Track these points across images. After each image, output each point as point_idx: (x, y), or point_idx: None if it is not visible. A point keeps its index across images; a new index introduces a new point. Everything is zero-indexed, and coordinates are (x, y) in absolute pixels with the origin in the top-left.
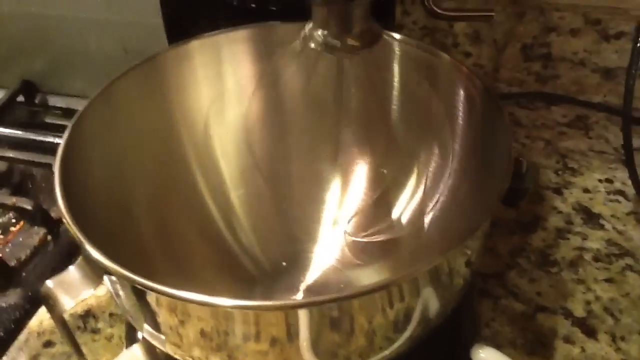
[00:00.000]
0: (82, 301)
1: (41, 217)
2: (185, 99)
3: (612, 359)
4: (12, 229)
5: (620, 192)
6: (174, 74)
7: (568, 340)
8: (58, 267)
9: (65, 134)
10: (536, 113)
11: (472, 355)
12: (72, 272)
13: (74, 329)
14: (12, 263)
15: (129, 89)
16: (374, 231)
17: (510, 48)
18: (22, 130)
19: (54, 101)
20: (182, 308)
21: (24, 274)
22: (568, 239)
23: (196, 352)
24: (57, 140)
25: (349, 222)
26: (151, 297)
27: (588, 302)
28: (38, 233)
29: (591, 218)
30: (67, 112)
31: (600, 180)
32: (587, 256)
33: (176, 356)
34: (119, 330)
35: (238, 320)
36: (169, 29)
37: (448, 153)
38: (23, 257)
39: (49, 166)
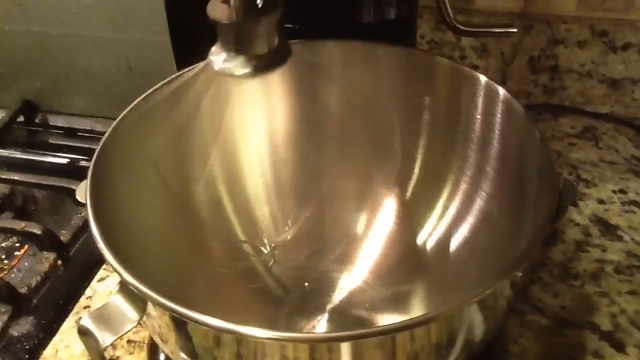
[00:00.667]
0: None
1: (50, 241)
2: (215, 113)
3: None
4: (17, 253)
5: (635, 203)
6: (203, 88)
7: (597, 355)
8: (70, 292)
9: (95, 156)
10: (545, 125)
11: None
12: (112, 305)
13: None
14: (23, 290)
15: (158, 106)
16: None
17: (518, 61)
18: (22, 152)
19: (55, 120)
20: (220, 335)
21: (35, 301)
22: (588, 251)
23: None
24: (59, 160)
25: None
26: (189, 326)
27: (614, 316)
28: (48, 258)
29: (609, 230)
30: (69, 132)
31: (614, 191)
32: (608, 268)
33: None
34: (139, 358)
35: (276, 349)
36: (176, 46)
37: (480, 175)
38: (34, 283)
39: (52, 187)
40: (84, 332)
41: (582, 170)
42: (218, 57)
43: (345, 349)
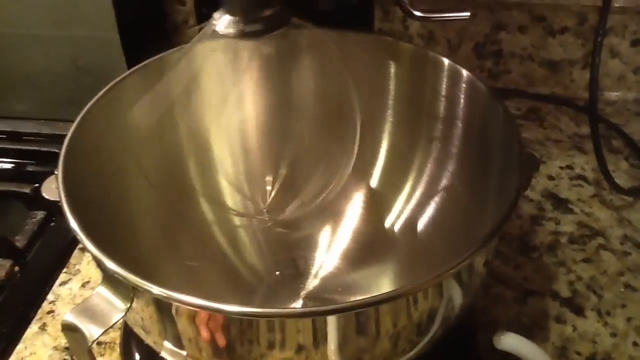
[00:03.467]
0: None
1: (5, 247)
2: (187, 101)
3: (602, 334)
4: None
5: (582, 177)
6: (177, 76)
7: (560, 320)
8: (31, 299)
9: (65, 142)
10: None
11: (495, 343)
12: (96, 297)
13: None
14: None
15: (131, 91)
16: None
17: (464, 47)
18: None
19: None
20: (206, 319)
21: None
22: (543, 224)
23: None
24: (3, 165)
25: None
26: (174, 310)
27: (571, 283)
28: (4, 265)
29: (560, 203)
30: (13, 136)
31: (561, 167)
32: (563, 239)
33: None
34: (111, 359)
35: (263, 328)
36: (125, 44)
37: (445, 155)
38: None
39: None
40: (68, 328)
41: (530, 149)
42: (221, 21)
43: (332, 322)
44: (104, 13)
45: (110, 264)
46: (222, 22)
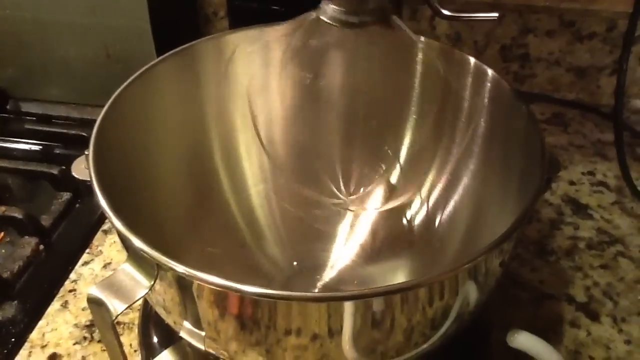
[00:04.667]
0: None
1: (31, 226)
2: (215, 91)
3: (616, 340)
4: None
5: (603, 184)
6: (207, 65)
7: (574, 324)
8: (54, 277)
9: (97, 123)
10: None
11: (508, 341)
12: (121, 273)
13: (80, 340)
14: (5, 275)
15: (162, 77)
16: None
17: (490, 49)
18: None
19: (28, 107)
20: (225, 300)
21: (18, 286)
22: (561, 229)
23: (233, 347)
24: (32, 147)
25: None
26: (196, 290)
27: (588, 288)
28: (30, 243)
29: (580, 209)
30: (43, 119)
31: (583, 173)
32: (581, 244)
33: (214, 352)
34: (129, 339)
35: (280, 312)
36: (156, 33)
37: (466, 154)
38: (16, 269)
39: (30, 173)
40: (93, 302)
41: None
42: (328, 9)
43: (347, 310)
44: (137, 3)
45: (137, 242)
46: (327, 11)
